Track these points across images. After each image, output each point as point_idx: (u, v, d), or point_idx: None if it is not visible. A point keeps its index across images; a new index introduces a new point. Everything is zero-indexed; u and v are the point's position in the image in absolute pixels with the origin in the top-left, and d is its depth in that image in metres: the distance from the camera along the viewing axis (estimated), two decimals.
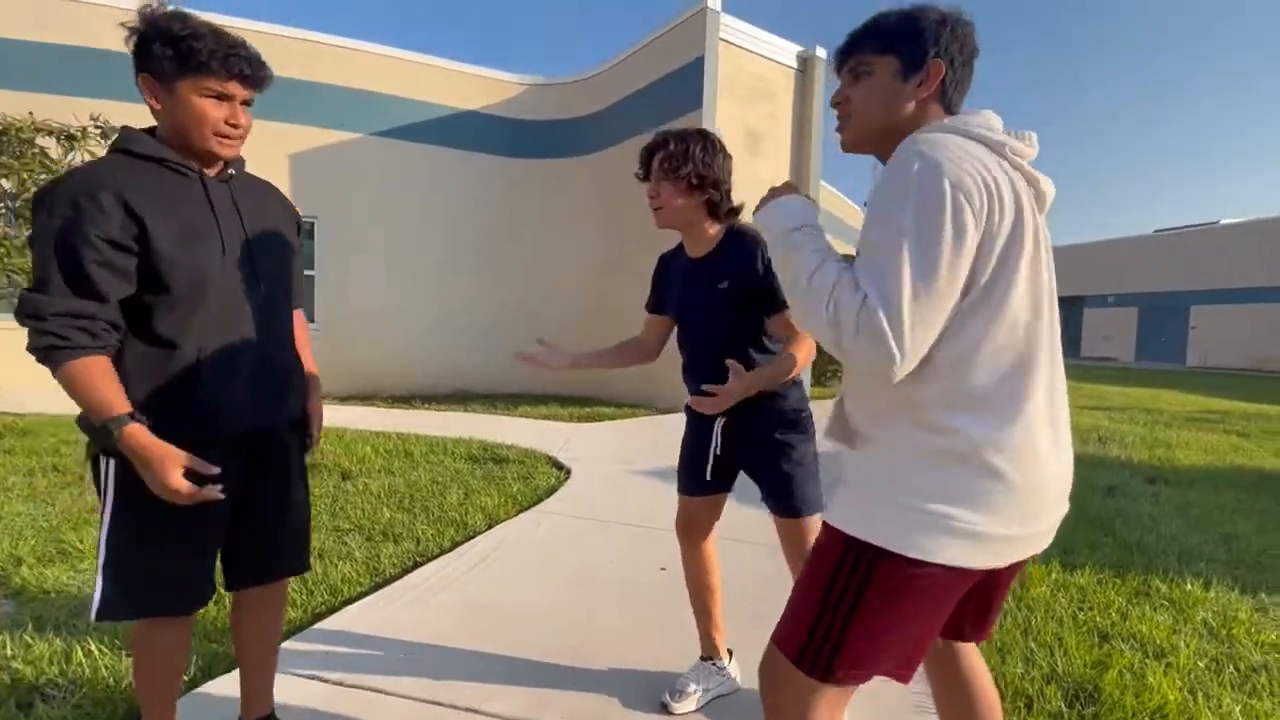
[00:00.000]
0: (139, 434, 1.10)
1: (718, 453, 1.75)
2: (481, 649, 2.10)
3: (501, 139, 9.90)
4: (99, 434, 1.11)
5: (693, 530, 1.89)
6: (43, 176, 4.92)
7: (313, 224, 8.84)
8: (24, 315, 1.10)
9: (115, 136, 1.26)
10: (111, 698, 1.77)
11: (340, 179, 8.84)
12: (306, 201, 8.73)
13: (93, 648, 1.98)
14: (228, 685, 1.79)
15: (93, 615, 1.23)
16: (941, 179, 0.86)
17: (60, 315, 1.10)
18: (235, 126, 1.23)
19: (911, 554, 0.91)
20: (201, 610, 1.34)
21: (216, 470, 1.15)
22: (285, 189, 9.01)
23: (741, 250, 1.67)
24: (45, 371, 1.16)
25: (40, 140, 5.01)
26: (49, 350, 1.11)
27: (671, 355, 1.96)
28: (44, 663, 1.92)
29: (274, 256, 1.36)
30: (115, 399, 1.11)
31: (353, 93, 8.89)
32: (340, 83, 8.78)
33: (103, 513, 1.23)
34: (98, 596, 1.22)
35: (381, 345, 9.06)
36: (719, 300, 1.67)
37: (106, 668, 1.89)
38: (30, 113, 5.10)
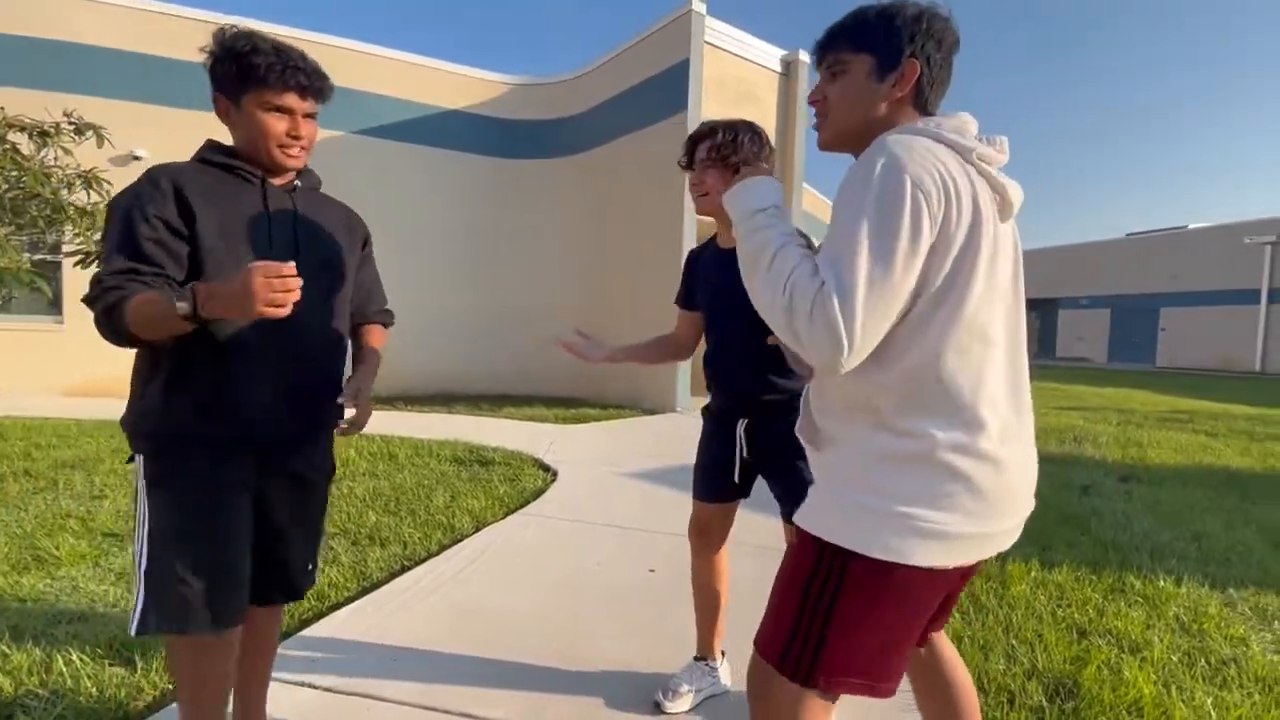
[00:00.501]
0: (203, 286, 1.10)
1: (744, 455, 1.76)
2: (471, 653, 2.10)
3: (487, 139, 9.85)
4: (181, 313, 1.09)
5: (708, 537, 1.90)
6: (14, 174, 4.79)
7: None
8: (89, 292, 1.14)
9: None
10: (96, 708, 1.74)
11: (322, 178, 8.70)
12: None
13: (74, 657, 1.95)
14: None
15: (133, 628, 1.20)
16: (903, 177, 0.88)
17: (115, 273, 1.14)
18: (297, 138, 1.28)
19: (881, 556, 0.92)
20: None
21: (291, 264, 1.09)
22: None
23: None
24: (11, 373, 1.13)
25: (11, 136, 4.87)
26: (112, 307, 1.10)
27: None
28: (23, 673, 1.88)
29: (325, 269, 1.35)
30: (166, 293, 1.12)
31: (336, 90, 8.75)
32: None
33: (137, 518, 1.22)
34: (139, 607, 1.20)
35: None
36: None
37: (89, 677, 1.86)
38: (1, 108, 4.96)
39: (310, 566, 1.47)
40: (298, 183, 1.36)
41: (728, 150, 1.68)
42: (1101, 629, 2.37)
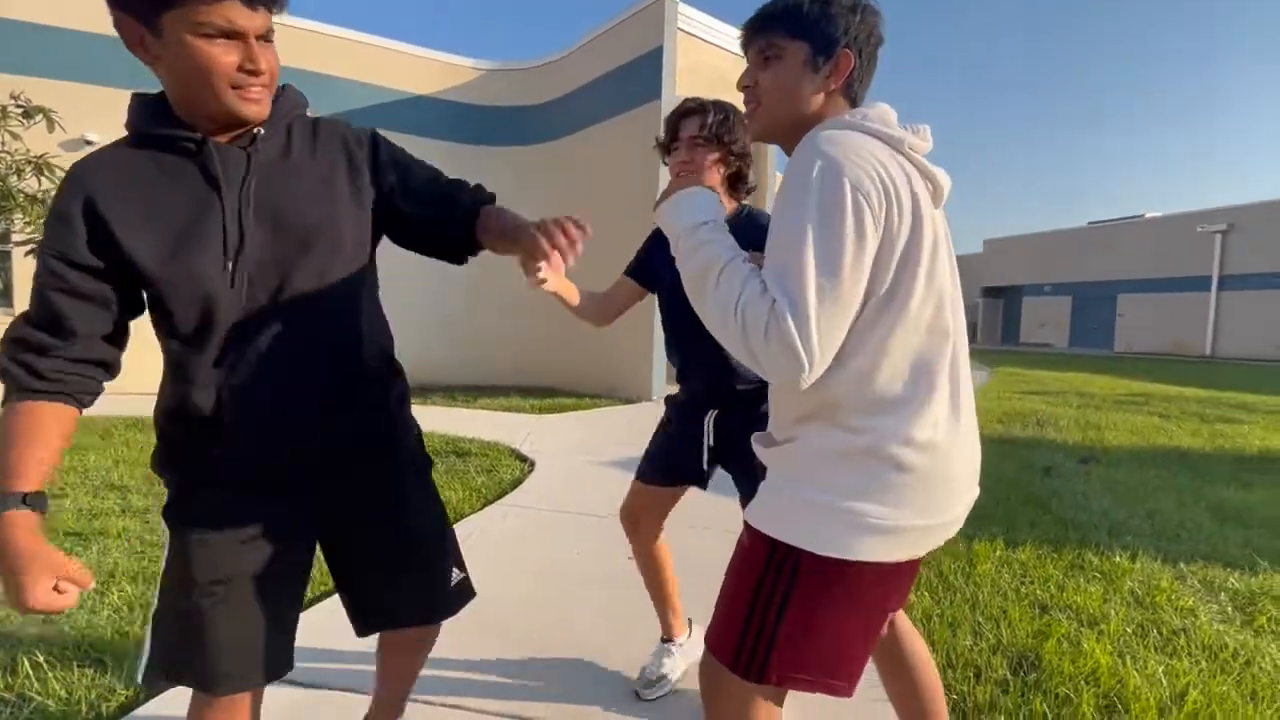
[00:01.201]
0: (13, 526, 0.81)
1: (711, 444, 1.72)
2: (453, 643, 2.10)
3: (457, 125, 9.69)
4: None
5: (643, 522, 1.86)
6: None
7: None
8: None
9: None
10: (65, 710, 1.70)
11: None
12: None
13: (40, 659, 1.90)
14: None
15: (139, 675, 1.04)
16: (842, 181, 0.85)
17: (9, 342, 0.90)
18: (255, 73, 0.91)
19: (833, 553, 0.91)
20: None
21: (90, 585, 0.87)
22: None
23: (756, 232, 1.66)
24: None
25: None
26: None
27: (635, 347, 1.97)
28: None
29: (312, 235, 1.01)
30: (20, 467, 0.84)
31: (300, 74, 8.50)
32: (287, 63, 8.37)
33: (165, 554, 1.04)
34: (144, 653, 1.03)
35: None
36: None
37: (58, 679, 1.81)
38: None
39: (448, 579, 1.23)
40: (258, 131, 0.98)
41: (722, 130, 1.60)
42: (1062, 604, 2.48)
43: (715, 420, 1.72)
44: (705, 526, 3.07)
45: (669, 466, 1.81)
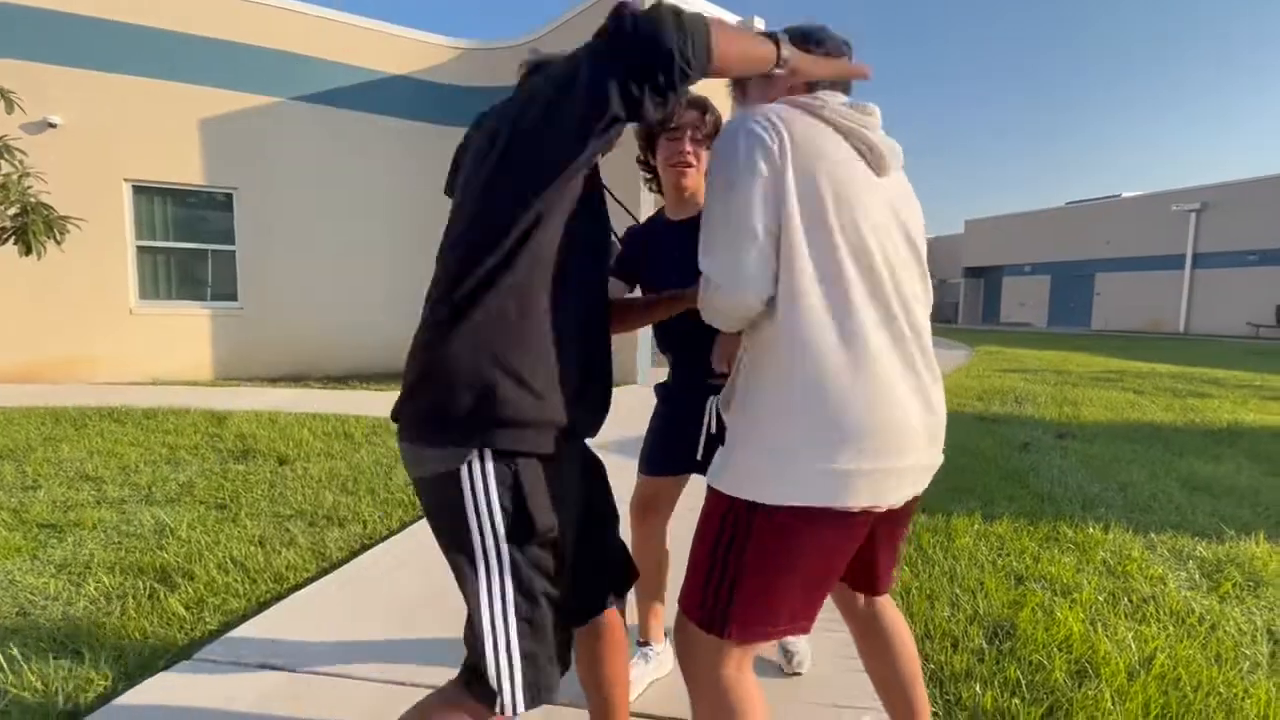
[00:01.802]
0: None
1: (713, 430, 1.69)
2: (438, 629, 2.10)
3: (433, 105, 9.49)
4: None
5: (655, 512, 1.83)
6: None
7: (230, 195, 8.29)
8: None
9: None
10: (42, 703, 1.68)
11: (260, 147, 8.27)
12: (222, 170, 8.15)
13: (15, 652, 1.87)
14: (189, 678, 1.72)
15: (521, 706, 0.96)
16: (736, 134, 0.98)
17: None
18: None
19: (776, 501, 0.95)
20: None
21: None
22: (196, 155, 8.21)
23: None
24: None
25: None
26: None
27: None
28: None
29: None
30: None
31: (272, 53, 8.27)
32: (258, 42, 8.15)
33: (486, 573, 0.98)
34: (520, 686, 0.98)
35: (310, 323, 8.64)
36: None
37: (33, 671, 1.79)
38: None
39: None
40: None
41: (716, 131, 1.63)
42: (1037, 575, 2.53)
43: (718, 405, 1.70)
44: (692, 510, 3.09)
45: (671, 455, 1.78)
